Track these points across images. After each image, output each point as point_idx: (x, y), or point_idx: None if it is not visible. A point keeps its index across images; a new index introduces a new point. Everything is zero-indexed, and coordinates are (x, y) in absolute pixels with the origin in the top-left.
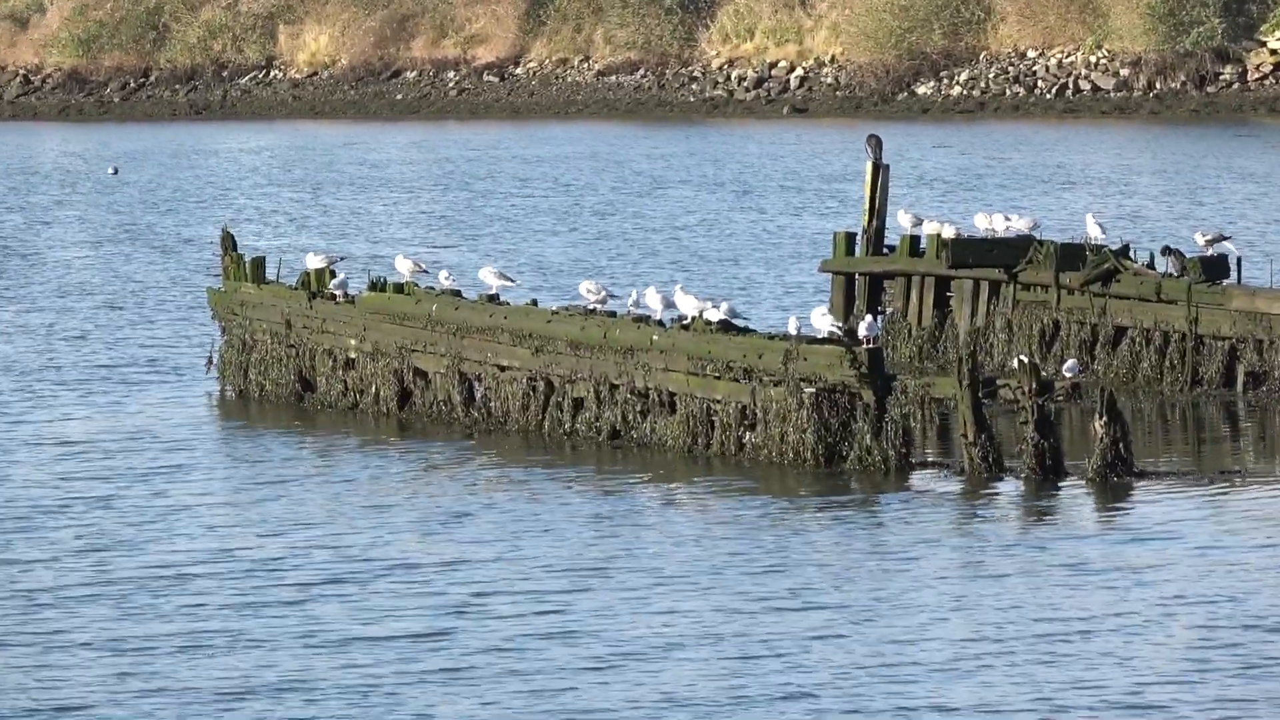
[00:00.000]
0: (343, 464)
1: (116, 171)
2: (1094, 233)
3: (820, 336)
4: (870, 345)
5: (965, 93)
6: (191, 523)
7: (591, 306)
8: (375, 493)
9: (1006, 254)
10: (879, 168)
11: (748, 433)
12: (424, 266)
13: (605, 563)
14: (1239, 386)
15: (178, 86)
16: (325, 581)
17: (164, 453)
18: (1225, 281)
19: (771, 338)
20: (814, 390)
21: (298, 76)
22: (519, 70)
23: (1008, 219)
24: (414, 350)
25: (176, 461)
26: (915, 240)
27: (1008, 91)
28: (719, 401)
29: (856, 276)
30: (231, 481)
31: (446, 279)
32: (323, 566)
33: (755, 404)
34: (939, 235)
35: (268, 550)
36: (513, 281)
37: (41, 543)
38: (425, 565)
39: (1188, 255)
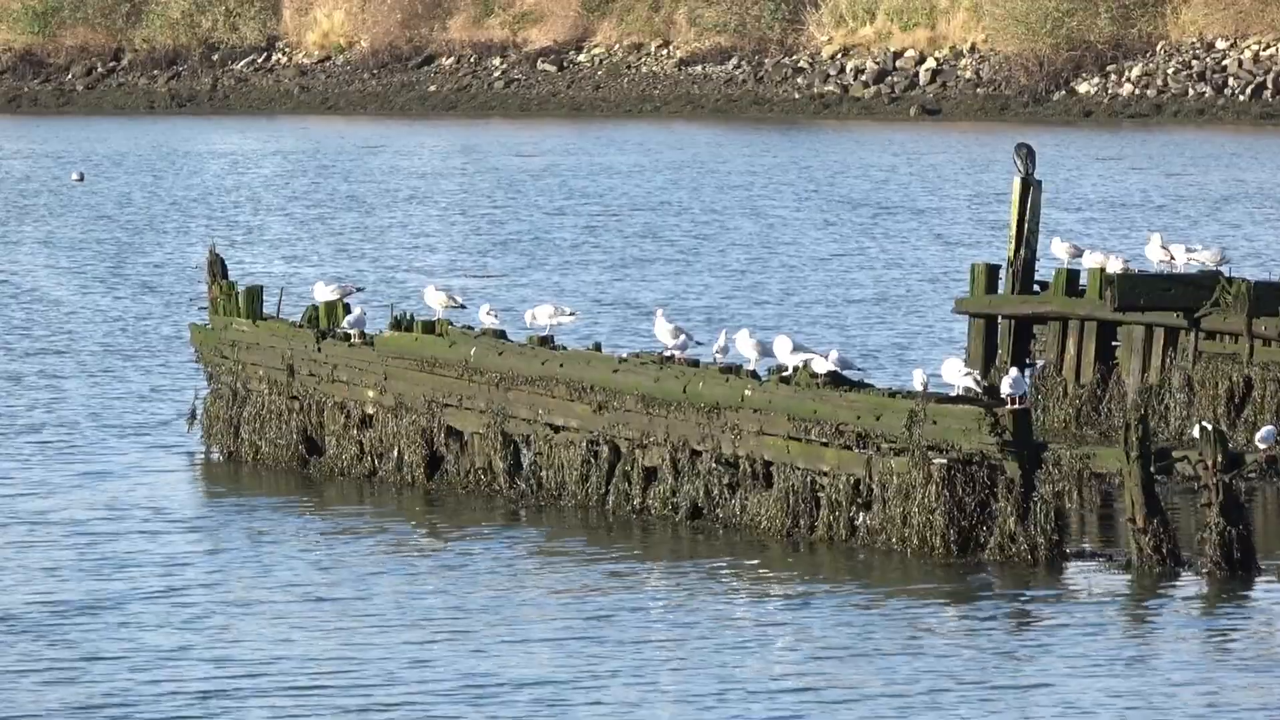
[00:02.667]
0: (357, 550)
1: (82, 178)
2: None
3: (953, 394)
4: (1016, 406)
5: (1138, 92)
6: (163, 640)
7: (669, 353)
8: (398, 590)
9: (1187, 294)
10: (1029, 184)
11: (861, 513)
12: (460, 301)
13: (685, 681)
14: None
15: (156, 72)
16: (343, 713)
17: (130, 537)
18: None
19: (892, 395)
20: (945, 461)
21: (306, 62)
22: (581, 57)
23: (1189, 250)
24: (447, 405)
25: (143, 549)
26: (1073, 275)
27: (1190, 91)
28: (826, 474)
29: (1000, 319)
30: (215, 577)
31: (488, 316)
32: (337, 696)
33: (871, 478)
34: (1103, 270)
35: (264, 677)
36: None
37: None
38: (472, 685)
39: None
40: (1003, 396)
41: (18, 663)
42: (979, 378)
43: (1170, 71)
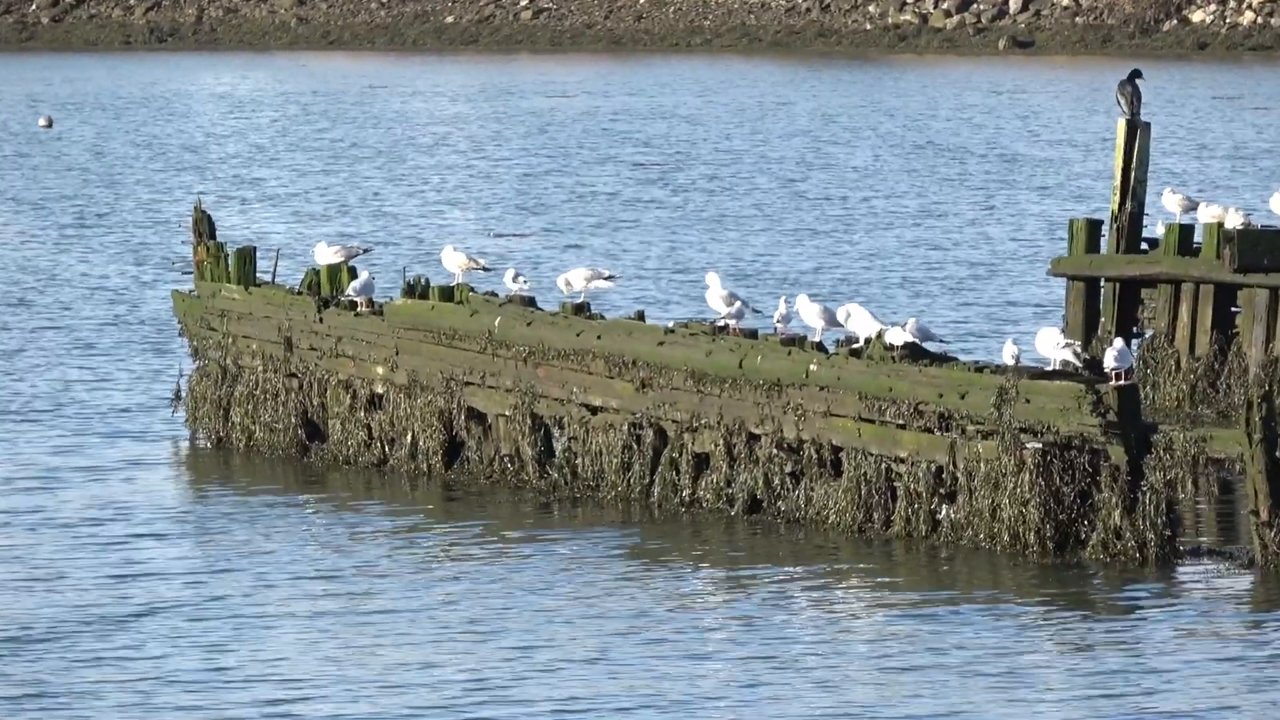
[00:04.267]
0: (366, 551)
1: (50, 124)
2: None
3: (1049, 368)
4: (1121, 381)
5: (1260, 20)
6: (144, 657)
7: (723, 323)
8: (413, 597)
9: None
10: (1135, 127)
11: (944, 506)
12: (482, 263)
13: (741, 700)
14: None
15: (133, 2)
16: None
17: (105, 537)
18: None
19: (979, 369)
20: (1040, 446)
21: None
22: None
23: None
24: (468, 383)
25: (120, 551)
26: (1187, 232)
27: None
28: (903, 461)
29: (1102, 283)
30: (203, 584)
31: (515, 281)
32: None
33: (955, 465)
34: (1221, 225)
35: (257, 702)
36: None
37: None
38: (495, 710)
39: None
40: (1106, 371)
41: None
42: (1079, 349)
43: None
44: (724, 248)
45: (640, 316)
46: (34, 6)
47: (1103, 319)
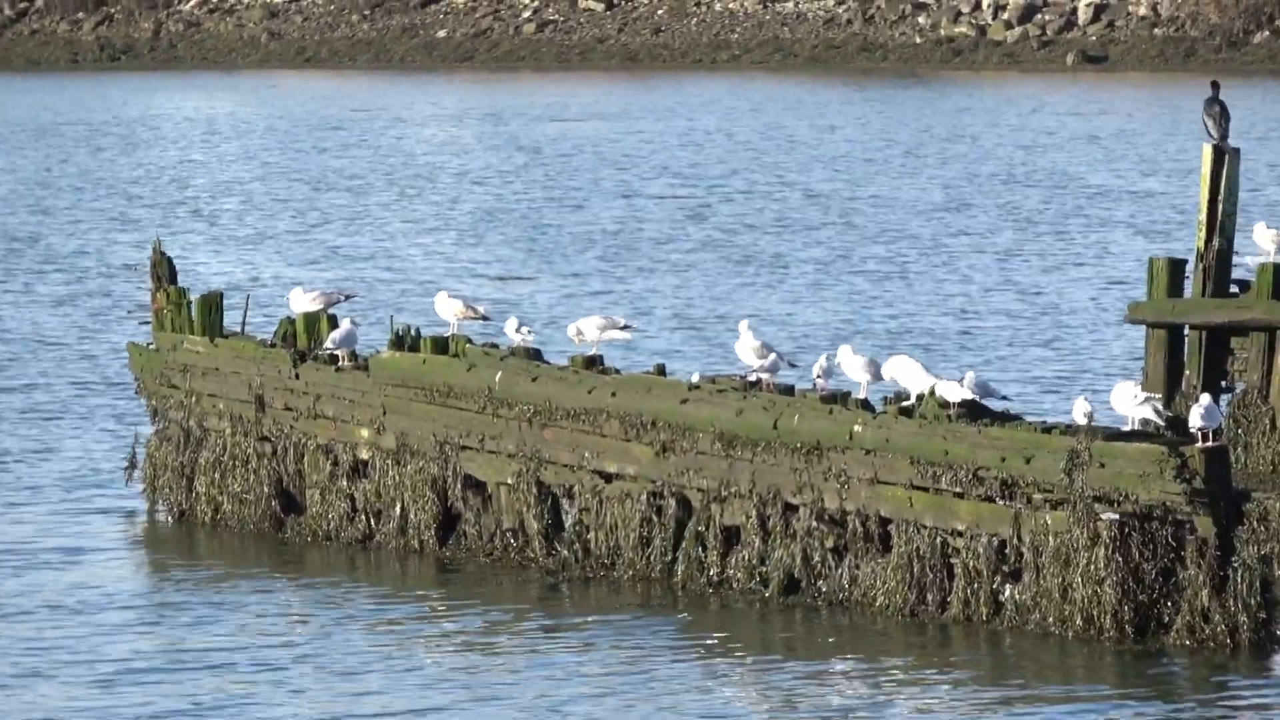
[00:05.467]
0: (349, 642)
1: None
2: None
3: (1126, 429)
4: (1209, 442)
5: None
6: None
7: (754, 377)
8: (407, 697)
9: None
10: (1224, 153)
11: (1007, 585)
12: (481, 311)
13: None
14: None
15: (81, 15)
16: None
17: (52, 627)
18: None
19: (1047, 430)
20: (1116, 516)
21: (276, 1)
22: None
23: None
24: (465, 447)
25: (69, 644)
26: None
27: None
28: (961, 534)
29: (1186, 330)
30: (162, 681)
31: (519, 333)
32: None
33: (1020, 538)
34: None
35: None
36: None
37: None
38: None
39: None
40: (1191, 430)
41: None
42: (1160, 406)
43: None
44: (756, 292)
45: (661, 371)
46: None
47: (1187, 371)
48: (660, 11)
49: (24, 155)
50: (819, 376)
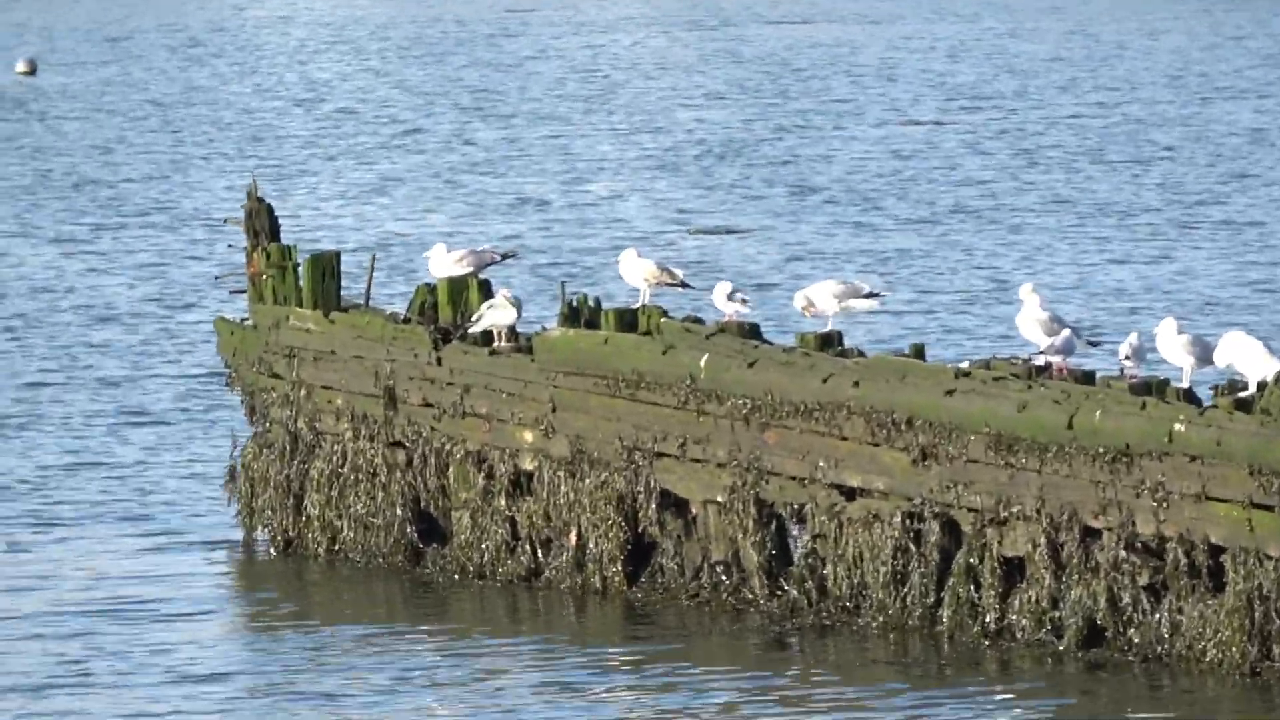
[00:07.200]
0: (515, 712)
1: (31, 70)
2: None
3: None
4: None
5: None
6: None
7: (1043, 360)
8: None
9: None
10: None
11: None
12: (680, 276)
13: None
14: None
15: None
16: None
17: (131, 689)
18: None
19: None
20: None
21: None
22: None
23: None
24: (660, 454)
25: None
26: None
27: None
28: None
29: None
30: None
31: (731, 302)
32: None
33: None
34: None
35: None
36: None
37: None
38: None
39: None
40: None
41: None
42: None
43: None
44: (1047, 250)
45: (919, 353)
46: None
47: None
48: None
49: (86, 72)
50: (1127, 359)
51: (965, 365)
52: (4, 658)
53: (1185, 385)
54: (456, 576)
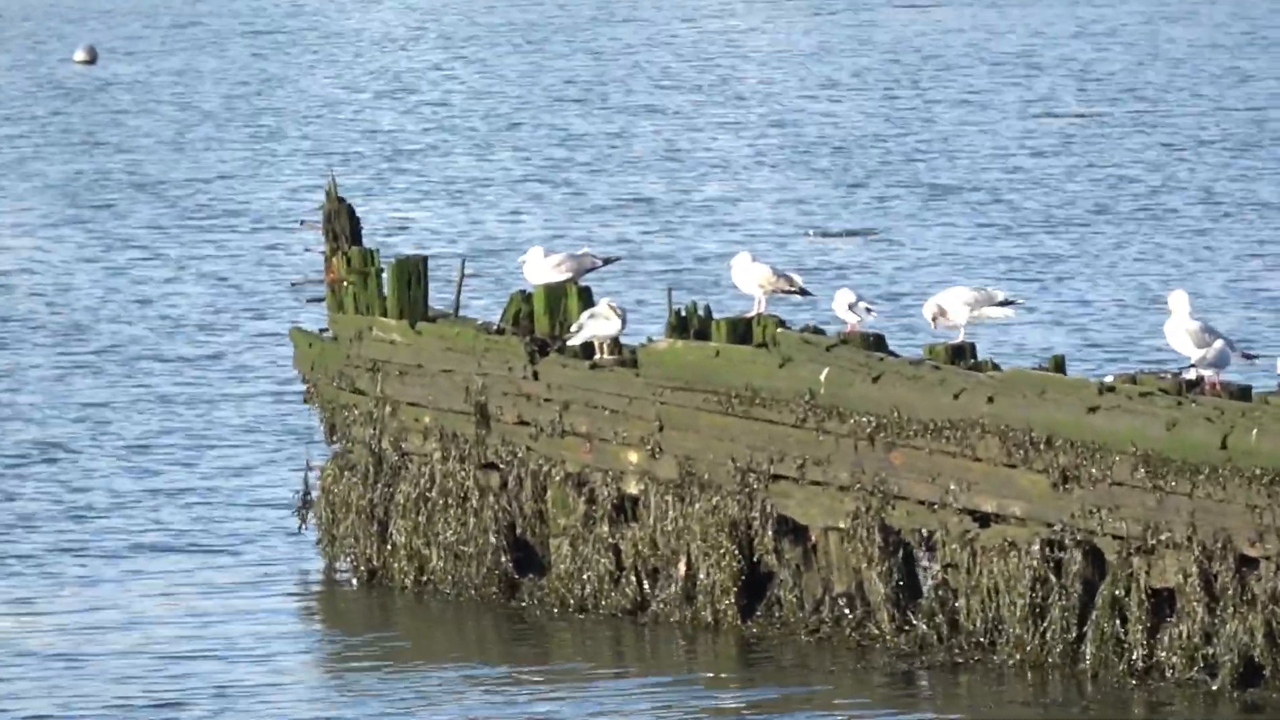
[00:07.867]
0: None
1: (92, 58)
2: None
3: None
4: None
5: None
6: None
7: (1194, 373)
8: None
9: None
10: None
11: None
12: (798, 282)
13: None
14: None
15: None
16: None
17: None
18: None
19: None
20: None
21: None
22: None
23: None
24: (777, 477)
25: None
26: None
27: None
28: None
29: None
30: None
31: (854, 311)
32: None
33: None
34: None
35: None
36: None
37: None
38: None
39: None
40: None
41: None
42: None
43: None
44: (1197, 257)
45: (1059, 366)
46: None
47: None
48: None
49: (151, 60)
50: None
51: (1110, 380)
52: (84, 699)
53: None
54: (555, 610)
